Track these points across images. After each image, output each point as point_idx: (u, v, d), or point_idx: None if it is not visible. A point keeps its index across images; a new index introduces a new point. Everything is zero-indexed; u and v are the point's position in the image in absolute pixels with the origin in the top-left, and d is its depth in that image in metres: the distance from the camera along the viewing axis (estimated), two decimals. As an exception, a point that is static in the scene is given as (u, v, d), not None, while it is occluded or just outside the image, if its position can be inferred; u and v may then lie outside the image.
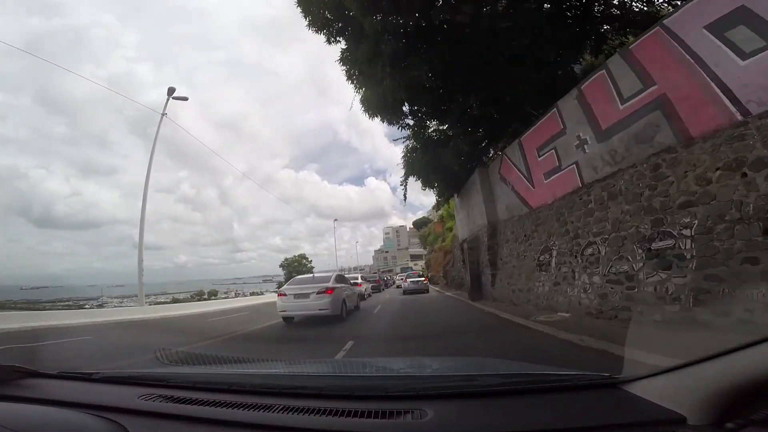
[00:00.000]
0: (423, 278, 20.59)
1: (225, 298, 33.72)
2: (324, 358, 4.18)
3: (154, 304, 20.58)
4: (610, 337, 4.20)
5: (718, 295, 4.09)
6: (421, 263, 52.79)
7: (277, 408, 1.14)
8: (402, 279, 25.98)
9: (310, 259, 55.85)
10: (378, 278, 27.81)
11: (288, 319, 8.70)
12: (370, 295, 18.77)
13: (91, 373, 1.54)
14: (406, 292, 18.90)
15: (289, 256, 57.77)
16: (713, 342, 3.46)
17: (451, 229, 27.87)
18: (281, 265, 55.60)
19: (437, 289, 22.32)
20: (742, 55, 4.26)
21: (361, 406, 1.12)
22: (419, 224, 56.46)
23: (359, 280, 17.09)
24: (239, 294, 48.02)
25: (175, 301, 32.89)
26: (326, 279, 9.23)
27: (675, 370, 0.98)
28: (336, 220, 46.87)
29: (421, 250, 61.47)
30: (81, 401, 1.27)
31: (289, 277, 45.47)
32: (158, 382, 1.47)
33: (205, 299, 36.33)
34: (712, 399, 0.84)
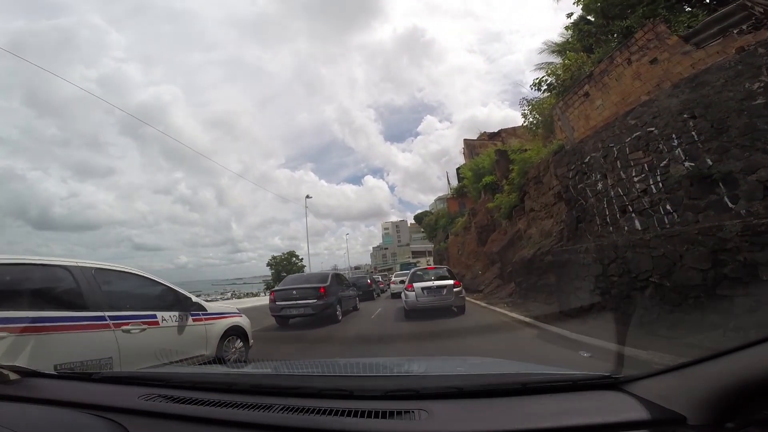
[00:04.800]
0: (452, 280, 9.26)
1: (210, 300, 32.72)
2: (324, 359, 4.18)
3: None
4: None
5: None
6: (425, 260, 45.42)
7: (277, 408, 1.14)
8: (402, 282, 12.98)
9: (300, 257, 47.19)
10: (322, 286, 8.89)
11: None
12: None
13: (91, 373, 1.55)
14: (411, 312, 8.99)
15: (276, 254, 49.39)
16: None
17: (489, 188, 17.80)
18: (269, 264, 47.05)
19: (499, 310, 8.95)
20: None
21: (361, 406, 1.11)
22: (420, 218, 53.06)
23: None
24: (235, 295, 45.98)
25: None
26: None
27: (675, 370, 0.98)
28: (309, 197, 33.40)
29: (426, 244, 57.03)
30: (81, 401, 1.27)
31: (277, 277, 40.53)
32: (158, 382, 1.47)
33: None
34: (712, 399, 0.84)
